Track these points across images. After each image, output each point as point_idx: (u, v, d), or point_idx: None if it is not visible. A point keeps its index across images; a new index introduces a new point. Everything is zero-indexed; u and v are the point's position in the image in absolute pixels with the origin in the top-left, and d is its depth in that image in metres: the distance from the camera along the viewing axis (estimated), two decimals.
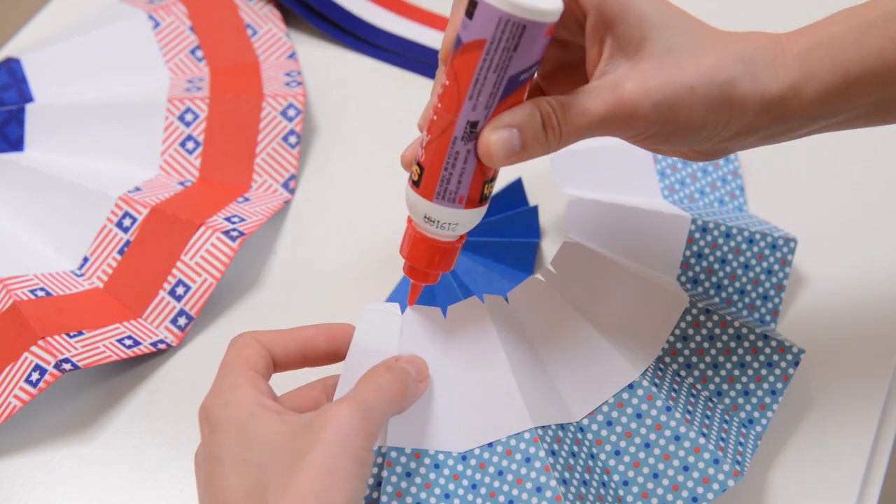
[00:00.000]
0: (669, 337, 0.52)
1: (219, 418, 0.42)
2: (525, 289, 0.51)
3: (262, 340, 0.45)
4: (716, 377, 0.52)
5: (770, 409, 0.51)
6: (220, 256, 0.58)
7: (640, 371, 0.49)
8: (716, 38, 0.43)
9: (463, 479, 0.47)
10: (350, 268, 0.61)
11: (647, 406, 0.48)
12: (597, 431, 0.49)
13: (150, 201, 0.60)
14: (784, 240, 0.56)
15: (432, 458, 0.47)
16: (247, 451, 0.40)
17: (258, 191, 0.64)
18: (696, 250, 0.55)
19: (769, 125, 0.43)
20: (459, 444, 0.47)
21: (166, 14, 0.70)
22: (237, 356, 0.44)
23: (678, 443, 0.47)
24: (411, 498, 0.45)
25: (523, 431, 0.47)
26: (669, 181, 0.60)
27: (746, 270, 0.56)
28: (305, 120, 0.68)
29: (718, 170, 0.62)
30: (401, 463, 0.46)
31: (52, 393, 0.56)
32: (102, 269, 0.60)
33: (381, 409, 0.42)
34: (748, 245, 0.56)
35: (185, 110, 0.65)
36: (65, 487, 0.53)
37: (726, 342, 0.52)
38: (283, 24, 0.72)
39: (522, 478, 0.46)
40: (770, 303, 0.56)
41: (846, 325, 0.57)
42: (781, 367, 0.51)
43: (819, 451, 0.53)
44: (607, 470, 0.48)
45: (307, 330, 0.47)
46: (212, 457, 0.41)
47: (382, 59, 0.72)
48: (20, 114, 0.64)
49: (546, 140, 0.41)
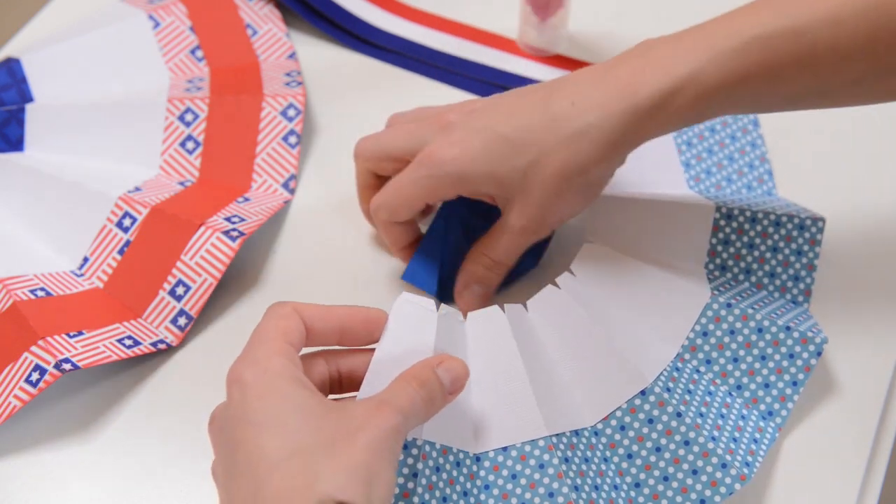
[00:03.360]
0: (689, 334, 0.53)
1: (254, 382, 0.42)
2: (543, 298, 0.53)
3: (302, 313, 0.45)
4: (736, 371, 0.52)
5: (791, 399, 0.52)
6: (220, 256, 0.58)
7: (653, 377, 0.50)
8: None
9: (477, 479, 0.48)
10: (350, 268, 0.61)
11: (658, 412, 0.49)
12: (610, 435, 0.50)
13: (150, 201, 0.60)
14: (812, 220, 0.57)
15: (455, 455, 0.47)
16: (284, 415, 0.40)
17: (258, 191, 0.64)
18: (723, 237, 0.56)
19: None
20: (475, 444, 0.48)
21: (166, 14, 0.70)
22: (275, 326, 0.44)
23: (688, 447, 0.49)
24: (439, 492, 0.46)
25: (538, 439, 0.48)
26: (695, 171, 0.61)
27: (775, 253, 0.56)
28: (305, 120, 0.68)
29: (745, 156, 0.62)
30: (432, 457, 0.46)
31: (52, 393, 0.56)
32: (102, 269, 0.60)
33: (413, 422, 0.43)
34: (775, 228, 0.56)
35: (185, 110, 0.65)
36: (65, 487, 0.53)
37: (747, 335, 0.52)
38: (283, 24, 0.72)
39: (536, 483, 0.47)
40: (802, 283, 0.56)
41: (845, 324, 0.58)
42: (804, 357, 0.52)
43: (819, 450, 0.53)
44: (620, 472, 0.50)
45: (344, 309, 0.47)
46: (244, 419, 0.41)
47: (382, 59, 0.72)
48: (20, 114, 0.64)
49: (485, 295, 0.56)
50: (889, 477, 0.54)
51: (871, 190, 0.63)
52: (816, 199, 0.61)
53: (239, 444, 0.41)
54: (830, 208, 0.61)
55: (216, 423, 0.44)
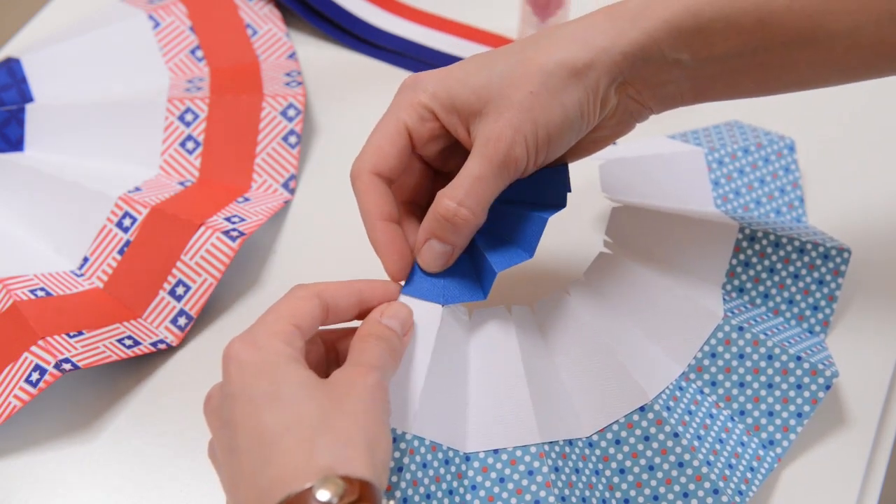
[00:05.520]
0: (697, 353, 0.52)
1: (250, 360, 0.42)
2: (551, 303, 0.52)
3: (322, 294, 0.45)
4: (741, 396, 0.52)
5: (794, 430, 0.51)
6: (220, 256, 0.58)
7: (654, 393, 0.50)
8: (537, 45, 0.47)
9: (465, 478, 0.47)
10: (350, 268, 0.61)
11: (655, 430, 0.49)
12: (605, 448, 0.50)
13: (150, 201, 0.60)
14: (837, 250, 0.56)
15: (444, 452, 0.47)
16: (280, 389, 0.41)
17: (258, 191, 0.64)
18: (744, 259, 0.55)
19: (631, 68, 0.47)
20: (465, 443, 0.48)
21: (166, 14, 0.70)
22: (286, 306, 0.44)
23: (681, 469, 0.49)
24: (423, 488, 0.46)
25: (530, 445, 0.48)
26: (723, 190, 0.60)
27: (796, 280, 0.55)
28: (305, 120, 0.68)
29: (777, 180, 0.61)
30: (420, 453, 0.46)
31: (52, 393, 0.56)
32: (102, 269, 0.60)
33: (388, 374, 0.44)
34: (798, 255, 0.55)
35: (185, 110, 0.65)
36: (65, 487, 0.53)
37: (756, 361, 0.52)
38: (283, 24, 0.72)
39: (523, 489, 0.47)
40: (821, 313, 0.55)
41: (848, 322, 0.58)
42: (811, 389, 0.51)
43: (819, 450, 0.53)
44: (610, 486, 0.49)
45: (363, 282, 0.48)
46: (242, 397, 0.41)
47: (382, 59, 0.72)
48: (20, 114, 0.64)
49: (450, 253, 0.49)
50: (889, 477, 0.54)
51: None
52: (844, 229, 0.60)
53: (238, 423, 0.41)
54: (860, 240, 0.59)
55: (212, 403, 0.44)
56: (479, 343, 0.50)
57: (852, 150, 0.66)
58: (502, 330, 0.50)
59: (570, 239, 0.60)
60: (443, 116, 0.48)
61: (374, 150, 0.49)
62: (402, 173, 0.49)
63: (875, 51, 0.46)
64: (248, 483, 0.40)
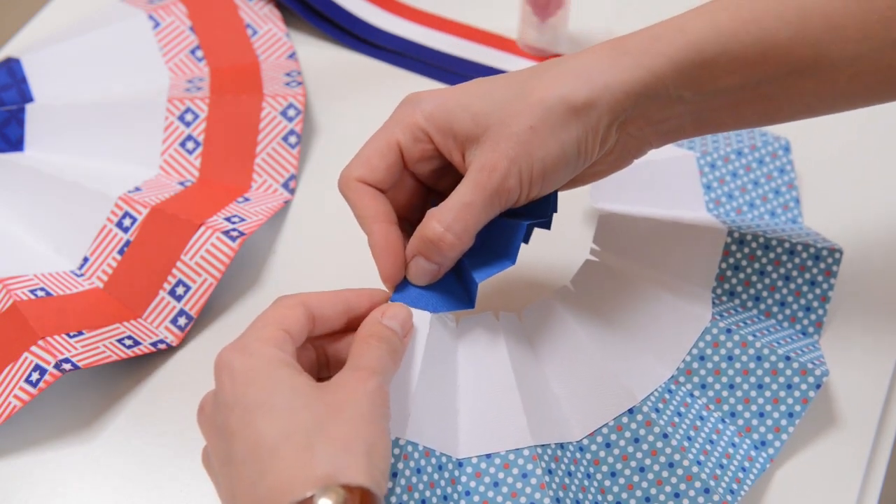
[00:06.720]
0: (686, 356, 0.52)
1: (243, 368, 0.42)
2: (538, 309, 0.52)
3: (307, 303, 0.45)
4: (731, 398, 0.52)
5: (785, 431, 0.51)
6: (220, 256, 0.58)
7: (643, 396, 0.50)
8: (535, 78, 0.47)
9: (458, 484, 0.47)
10: (350, 268, 0.61)
11: (644, 431, 0.49)
12: (595, 452, 0.50)
13: (150, 201, 0.60)
14: (829, 250, 0.56)
15: (437, 458, 0.47)
16: (274, 397, 0.40)
17: (258, 191, 0.64)
18: (733, 262, 0.55)
19: (633, 107, 0.46)
20: (458, 449, 0.48)
21: (166, 14, 0.70)
22: (272, 315, 0.44)
23: (671, 469, 0.49)
24: (418, 493, 0.46)
25: (523, 448, 0.48)
26: (716, 194, 0.60)
27: (787, 282, 0.55)
28: (305, 120, 0.68)
29: (771, 182, 0.61)
30: (414, 458, 0.46)
31: (52, 393, 0.56)
32: (102, 269, 0.60)
33: (389, 377, 0.44)
34: (789, 256, 0.55)
35: (185, 110, 0.65)
36: (65, 487, 0.53)
37: (745, 363, 0.52)
38: (283, 24, 0.72)
39: (517, 492, 0.47)
40: (813, 314, 0.55)
41: (846, 323, 0.57)
42: (801, 389, 0.51)
43: (819, 450, 0.53)
44: (602, 489, 0.49)
45: (350, 292, 0.47)
46: (237, 404, 0.41)
47: (382, 59, 0.72)
48: (20, 114, 0.64)
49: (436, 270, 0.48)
50: (889, 477, 0.54)
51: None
52: (842, 229, 0.60)
53: (234, 432, 0.40)
54: (856, 240, 0.59)
55: (206, 411, 0.44)
56: (468, 350, 0.50)
57: (848, 150, 0.66)
58: (491, 337, 0.50)
59: (558, 246, 0.59)
60: (437, 139, 0.48)
61: (362, 162, 0.49)
62: (392, 187, 0.49)
63: (879, 77, 0.46)
64: (247, 493, 0.39)
